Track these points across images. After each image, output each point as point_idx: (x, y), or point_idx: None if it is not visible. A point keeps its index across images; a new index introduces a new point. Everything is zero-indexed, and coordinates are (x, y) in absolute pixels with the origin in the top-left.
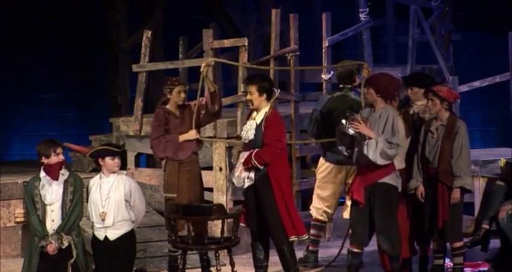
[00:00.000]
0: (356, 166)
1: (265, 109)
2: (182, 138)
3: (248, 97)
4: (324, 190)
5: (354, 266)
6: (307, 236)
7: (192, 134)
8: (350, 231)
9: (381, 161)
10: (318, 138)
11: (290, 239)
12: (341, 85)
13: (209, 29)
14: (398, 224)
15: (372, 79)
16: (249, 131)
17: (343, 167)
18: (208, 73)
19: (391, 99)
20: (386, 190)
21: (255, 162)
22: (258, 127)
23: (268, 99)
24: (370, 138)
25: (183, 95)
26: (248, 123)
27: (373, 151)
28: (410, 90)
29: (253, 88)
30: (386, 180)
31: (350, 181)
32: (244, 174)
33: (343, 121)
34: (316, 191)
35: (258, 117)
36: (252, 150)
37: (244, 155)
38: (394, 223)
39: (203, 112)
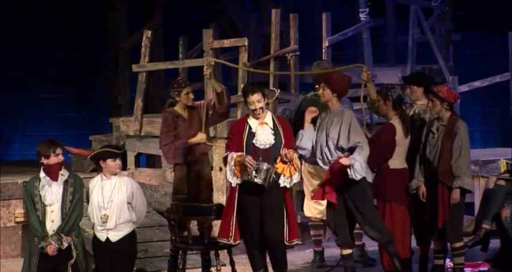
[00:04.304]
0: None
1: (267, 112)
2: (191, 142)
3: (261, 105)
4: None
5: (350, 268)
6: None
7: (201, 137)
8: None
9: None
10: None
11: (292, 243)
12: (316, 86)
13: (209, 29)
14: (377, 210)
15: (328, 79)
16: (268, 136)
17: None
18: (211, 74)
19: (343, 96)
20: (358, 182)
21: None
22: (274, 130)
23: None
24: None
25: (191, 96)
26: (258, 128)
27: (361, 174)
28: (409, 89)
29: (259, 96)
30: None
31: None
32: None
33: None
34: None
35: (267, 120)
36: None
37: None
38: (374, 210)
39: (211, 112)
